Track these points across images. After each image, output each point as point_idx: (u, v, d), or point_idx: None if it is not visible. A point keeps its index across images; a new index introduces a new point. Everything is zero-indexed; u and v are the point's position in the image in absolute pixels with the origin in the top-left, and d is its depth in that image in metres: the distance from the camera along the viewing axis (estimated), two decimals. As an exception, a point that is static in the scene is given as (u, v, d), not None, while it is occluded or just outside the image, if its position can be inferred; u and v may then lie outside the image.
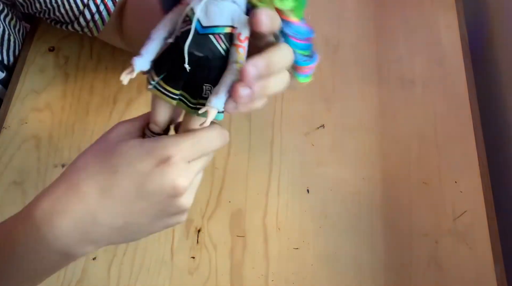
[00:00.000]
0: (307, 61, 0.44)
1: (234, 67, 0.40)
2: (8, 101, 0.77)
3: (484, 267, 0.68)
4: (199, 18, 0.40)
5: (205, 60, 0.40)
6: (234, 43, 0.40)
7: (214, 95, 0.40)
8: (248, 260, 0.68)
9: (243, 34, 0.40)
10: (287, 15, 0.41)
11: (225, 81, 0.40)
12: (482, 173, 0.75)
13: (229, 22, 0.40)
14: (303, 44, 0.43)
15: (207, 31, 0.40)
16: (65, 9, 0.72)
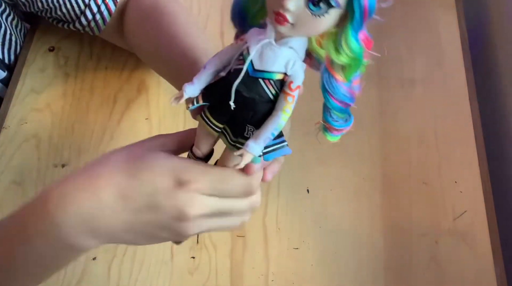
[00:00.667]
0: (340, 123, 0.44)
1: (280, 115, 0.40)
2: (8, 101, 0.77)
3: (484, 267, 0.68)
4: (253, 60, 0.39)
5: (251, 102, 0.40)
6: (284, 90, 0.40)
7: (253, 140, 0.40)
8: (248, 260, 0.68)
9: (295, 83, 0.39)
10: (335, 70, 0.40)
11: (267, 128, 0.40)
12: (482, 173, 0.75)
13: (282, 69, 0.39)
14: (338, 106, 0.42)
15: (257, 75, 0.39)
16: (66, 8, 0.72)
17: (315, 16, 0.35)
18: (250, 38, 0.40)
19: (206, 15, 0.88)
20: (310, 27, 0.36)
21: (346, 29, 0.37)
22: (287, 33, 0.37)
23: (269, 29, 0.38)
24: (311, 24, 0.36)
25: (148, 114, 0.78)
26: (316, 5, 0.35)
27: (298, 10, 0.35)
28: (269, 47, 0.38)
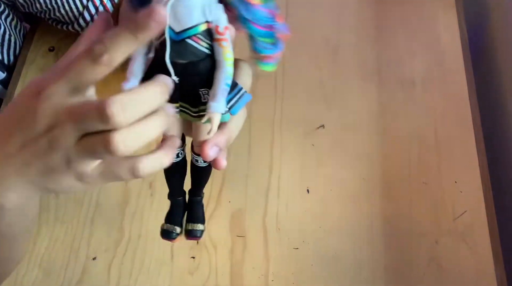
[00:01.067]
0: (270, 49, 0.40)
1: (223, 63, 0.37)
2: (8, 101, 0.77)
3: (484, 267, 0.68)
4: (170, 25, 0.36)
5: (191, 66, 0.38)
6: (214, 38, 0.37)
7: (212, 100, 0.38)
8: (248, 260, 0.68)
9: (221, 25, 0.37)
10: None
11: (219, 81, 0.38)
12: (482, 173, 0.75)
13: (202, 18, 0.36)
14: (263, 31, 0.39)
15: (182, 36, 0.37)
16: (65, 10, 0.73)
17: None
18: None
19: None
20: None
21: None
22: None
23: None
24: None
25: (148, 114, 0.78)
26: None
27: None
28: (178, 4, 0.36)
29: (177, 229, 0.47)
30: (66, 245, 0.67)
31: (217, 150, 0.41)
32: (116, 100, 0.34)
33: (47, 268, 0.66)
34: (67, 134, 0.37)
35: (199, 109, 0.39)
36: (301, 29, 0.86)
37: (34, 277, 0.65)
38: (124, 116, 0.34)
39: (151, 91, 0.36)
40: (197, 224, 0.47)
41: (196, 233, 0.47)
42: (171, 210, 0.48)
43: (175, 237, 0.47)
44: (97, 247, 0.67)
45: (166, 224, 0.47)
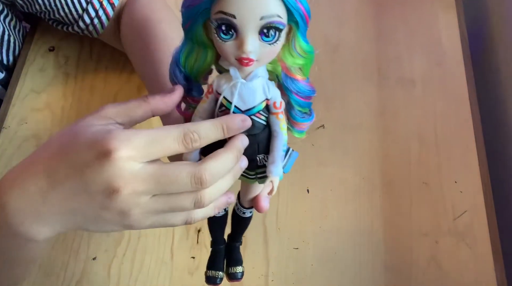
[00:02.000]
0: (305, 118, 0.45)
1: (280, 133, 0.42)
2: (8, 101, 0.77)
3: (484, 267, 0.68)
4: (236, 105, 0.41)
5: (252, 137, 0.42)
6: (272, 112, 0.42)
7: (272, 164, 0.42)
8: (248, 260, 0.68)
9: (278, 101, 0.42)
10: (294, 73, 0.42)
11: (277, 148, 0.42)
12: (482, 173, 0.75)
13: (263, 97, 0.41)
14: (303, 101, 0.44)
15: (247, 114, 0.41)
16: (64, 12, 0.73)
17: (271, 45, 0.38)
18: (219, 86, 0.41)
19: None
20: (271, 54, 0.39)
21: (296, 38, 0.40)
22: (254, 69, 0.40)
23: (233, 74, 0.40)
24: (270, 52, 0.39)
25: (148, 114, 0.78)
26: (268, 36, 0.38)
27: (257, 48, 0.38)
28: (244, 87, 0.40)
29: (220, 274, 0.51)
30: (66, 245, 0.67)
31: (269, 200, 0.46)
32: (207, 168, 0.39)
33: (47, 268, 0.66)
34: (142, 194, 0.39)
35: (256, 172, 0.44)
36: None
37: (34, 277, 0.65)
38: (212, 180, 0.40)
39: (231, 156, 0.41)
40: (238, 267, 0.51)
41: (237, 275, 0.51)
42: (213, 257, 0.52)
43: (220, 282, 0.50)
44: (97, 247, 0.67)
45: (210, 270, 0.51)
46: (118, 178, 0.38)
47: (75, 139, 0.40)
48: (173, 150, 0.39)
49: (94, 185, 0.38)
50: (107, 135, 0.38)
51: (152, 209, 0.40)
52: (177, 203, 0.41)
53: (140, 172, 0.38)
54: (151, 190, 0.39)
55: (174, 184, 0.39)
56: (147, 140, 0.38)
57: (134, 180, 0.38)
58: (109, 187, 0.38)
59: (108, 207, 0.39)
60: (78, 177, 0.39)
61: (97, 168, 0.38)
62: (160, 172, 0.39)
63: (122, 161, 0.37)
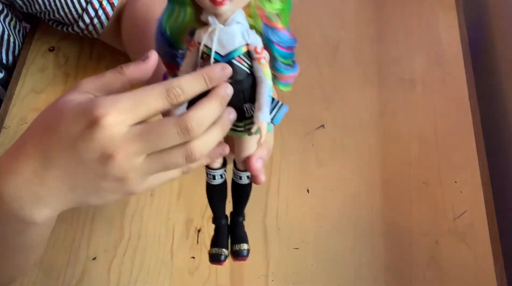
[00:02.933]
0: (288, 69, 0.45)
1: (264, 78, 0.42)
2: (8, 101, 0.77)
3: (484, 267, 0.68)
4: (216, 50, 0.41)
5: (237, 84, 0.42)
6: (253, 57, 0.42)
7: (259, 111, 0.42)
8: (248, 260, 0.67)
9: (259, 46, 0.42)
10: (275, 22, 0.43)
11: (262, 94, 0.42)
12: (482, 173, 0.75)
13: (242, 41, 0.42)
14: (286, 52, 0.44)
15: (227, 58, 0.41)
16: (64, 12, 0.73)
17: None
18: (199, 38, 0.42)
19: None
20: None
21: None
22: (228, 11, 0.40)
23: (211, 21, 0.41)
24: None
25: (148, 114, 0.78)
26: None
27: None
28: (222, 32, 0.41)
29: (225, 251, 0.49)
30: (66, 245, 0.67)
31: (262, 162, 0.46)
32: (192, 116, 0.39)
33: (47, 268, 0.66)
34: (135, 156, 0.39)
35: (245, 123, 0.43)
36: (301, 29, 0.86)
37: (34, 277, 0.65)
38: (200, 128, 0.40)
39: (215, 103, 0.40)
40: (243, 244, 0.49)
41: (243, 253, 0.49)
42: (216, 234, 0.50)
43: (224, 259, 0.49)
44: (97, 247, 0.67)
45: (214, 248, 0.50)
46: (110, 144, 0.38)
47: (60, 115, 0.40)
48: (158, 108, 0.39)
49: (88, 154, 0.38)
50: (91, 104, 0.39)
51: (147, 169, 0.40)
52: (170, 160, 0.41)
53: (129, 134, 0.39)
54: (143, 150, 0.39)
55: (163, 138, 0.39)
56: (132, 102, 0.39)
57: (125, 143, 0.38)
58: (103, 155, 0.38)
59: (105, 175, 0.39)
60: (71, 150, 0.39)
61: (88, 137, 0.38)
62: (147, 130, 0.39)
63: (111, 127, 0.38)
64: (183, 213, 0.70)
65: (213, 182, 0.48)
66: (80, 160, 0.39)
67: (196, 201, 0.70)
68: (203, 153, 0.41)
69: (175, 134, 0.39)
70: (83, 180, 0.40)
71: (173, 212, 0.70)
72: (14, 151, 0.42)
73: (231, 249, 0.49)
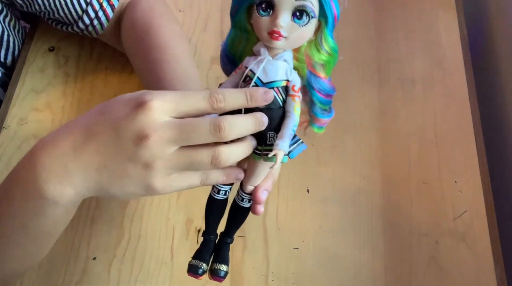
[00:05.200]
0: (324, 114, 0.50)
1: (293, 113, 0.46)
2: (8, 101, 0.77)
3: (484, 267, 0.68)
4: (259, 77, 0.45)
5: (267, 111, 0.45)
6: (290, 93, 0.46)
7: (280, 139, 0.45)
8: (248, 260, 0.68)
9: (297, 85, 0.46)
10: (319, 71, 0.47)
11: (287, 126, 0.46)
12: (482, 173, 0.75)
13: (284, 77, 0.46)
14: (324, 99, 0.49)
15: (267, 86, 0.45)
16: (64, 12, 0.73)
17: (301, 27, 0.43)
18: (248, 63, 0.46)
19: (206, 15, 0.88)
20: (298, 36, 0.44)
21: (324, 33, 0.45)
22: (282, 46, 0.45)
23: (263, 51, 0.45)
24: (298, 34, 0.44)
25: (148, 114, 0.78)
26: (299, 18, 0.43)
27: (288, 25, 0.43)
28: (269, 63, 0.45)
29: (204, 266, 0.50)
30: (66, 245, 0.67)
31: (267, 194, 0.49)
32: (227, 117, 0.43)
33: (47, 268, 0.66)
34: (167, 143, 0.42)
35: (264, 148, 0.46)
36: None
37: (34, 277, 0.65)
38: (230, 132, 0.42)
39: (250, 120, 0.44)
40: (222, 265, 0.51)
41: (220, 273, 0.50)
42: (201, 247, 0.52)
43: (202, 274, 0.50)
44: (97, 247, 0.67)
45: (194, 260, 0.51)
46: (148, 126, 0.41)
47: (112, 101, 0.44)
48: (199, 107, 0.43)
49: (126, 133, 0.41)
50: (142, 92, 0.43)
51: (175, 162, 0.43)
52: (198, 157, 0.43)
53: (167, 122, 0.42)
54: (176, 138, 0.42)
55: (196, 131, 0.42)
56: (178, 96, 0.42)
57: (162, 128, 0.41)
58: (140, 134, 0.41)
59: (135, 157, 0.42)
60: (113, 128, 0.42)
61: (131, 117, 0.41)
62: (185, 121, 0.42)
63: (153, 111, 0.41)
64: (183, 213, 0.70)
65: (216, 196, 0.51)
66: (117, 139, 0.42)
67: (196, 201, 0.70)
68: (227, 161, 0.44)
69: (207, 130, 0.42)
70: (113, 162, 0.43)
71: (173, 212, 0.70)
72: (63, 128, 0.45)
73: (210, 267, 0.51)
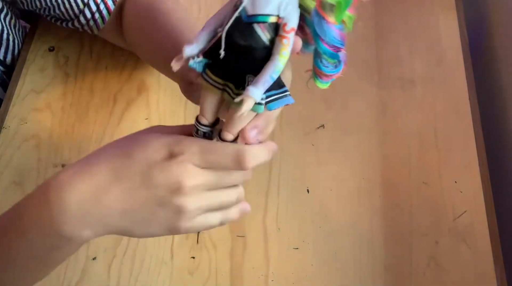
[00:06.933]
0: (330, 69, 0.44)
1: (277, 58, 0.39)
2: (8, 101, 0.77)
3: (484, 267, 0.68)
4: (246, 7, 0.38)
5: (249, 49, 0.39)
6: (278, 33, 0.39)
7: (253, 85, 0.39)
8: (248, 260, 0.68)
9: (289, 25, 0.39)
10: (327, 13, 0.39)
11: (265, 71, 0.39)
12: (482, 173, 0.75)
13: (275, 11, 0.38)
14: (329, 50, 0.42)
15: (251, 19, 0.39)
16: (65, 7, 0.72)
17: None
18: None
19: (206, 14, 0.88)
20: None
21: None
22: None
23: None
24: None
25: (148, 114, 0.78)
26: None
27: None
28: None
29: None
30: (66, 245, 0.67)
31: (256, 131, 0.44)
32: (250, 155, 0.43)
33: (47, 268, 0.66)
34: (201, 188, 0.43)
35: (239, 92, 0.41)
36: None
37: (34, 277, 0.65)
38: (252, 165, 0.43)
39: (266, 150, 0.44)
40: None
41: None
42: None
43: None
44: (97, 247, 0.67)
45: None
46: (183, 176, 0.41)
47: (138, 142, 0.43)
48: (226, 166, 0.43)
49: (160, 181, 0.41)
50: (175, 139, 0.43)
51: (205, 206, 0.44)
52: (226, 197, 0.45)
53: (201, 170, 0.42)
54: (209, 185, 0.43)
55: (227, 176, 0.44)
56: (207, 147, 0.43)
57: (196, 176, 0.42)
58: (175, 183, 0.41)
59: (168, 203, 0.42)
60: (144, 175, 0.41)
61: (166, 166, 0.41)
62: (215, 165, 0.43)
63: (187, 162, 0.42)
64: (183, 213, 0.70)
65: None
66: (148, 186, 0.42)
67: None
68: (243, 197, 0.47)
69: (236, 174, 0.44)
70: (141, 206, 0.42)
71: (173, 212, 0.70)
72: (82, 166, 0.43)
73: None
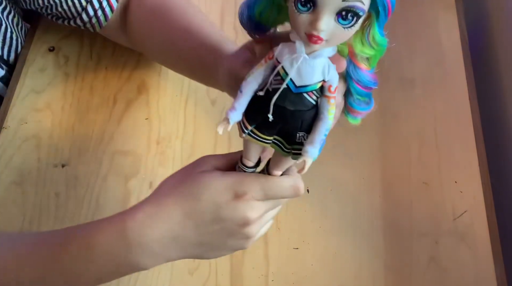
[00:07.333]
0: (361, 106, 0.47)
1: (327, 117, 0.42)
2: (8, 101, 0.77)
3: (484, 267, 0.68)
4: (292, 79, 0.40)
5: (299, 113, 0.42)
6: (325, 94, 0.42)
7: (310, 145, 0.42)
8: (248, 260, 0.68)
9: (334, 86, 0.41)
10: (359, 61, 0.42)
11: (319, 132, 0.42)
12: (482, 173, 0.75)
13: (321, 78, 0.41)
14: (362, 91, 0.45)
15: (300, 90, 0.41)
16: (67, 5, 0.72)
17: (345, 29, 0.37)
18: (281, 55, 0.41)
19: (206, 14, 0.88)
20: (342, 38, 0.38)
21: (372, 27, 0.39)
22: (321, 48, 0.39)
23: (298, 47, 0.39)
24: (342, 35, 0.38)
25: (148, 114, 0.78)
26: (345, 19, 0.37)
27: (330, 28, 0.37)
28: (305, 62, 0.40)
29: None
30: (66, 245, 0.67)
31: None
32: (302, 183, 0.51)
33: (47, 268, 0.66)
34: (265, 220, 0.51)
35: (292, 147, 0.44)
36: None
37: (34, 277, 0.65)
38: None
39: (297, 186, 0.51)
40: None
41: None
42: None
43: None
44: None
45: None
46: (250, 213, 0.47)
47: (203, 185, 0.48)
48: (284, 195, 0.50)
49: (229, 217, 0.47)
50: (238, 181, 0.48)
51: (263, 223, 0.51)
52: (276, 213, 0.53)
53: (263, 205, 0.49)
54: (268, 208, 0.50)
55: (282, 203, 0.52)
56: (268, 186, 0.48)
57: (259, 209, 0.48)
58: (243, 218, 0.47)
59: (236, 233, 0.49)
60: (214, 212, 0.47)
61: (233, 206, 0.47)
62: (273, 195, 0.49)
63: (252, 199, 0.47)
64: (183, 213, 0.70)
65: None
66: (219, 222, 0.48)
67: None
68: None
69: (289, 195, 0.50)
70: (213, 238, 0.49)
71: (173, 212, 0.70)
72: (156, 207, 0.48)
73: None
